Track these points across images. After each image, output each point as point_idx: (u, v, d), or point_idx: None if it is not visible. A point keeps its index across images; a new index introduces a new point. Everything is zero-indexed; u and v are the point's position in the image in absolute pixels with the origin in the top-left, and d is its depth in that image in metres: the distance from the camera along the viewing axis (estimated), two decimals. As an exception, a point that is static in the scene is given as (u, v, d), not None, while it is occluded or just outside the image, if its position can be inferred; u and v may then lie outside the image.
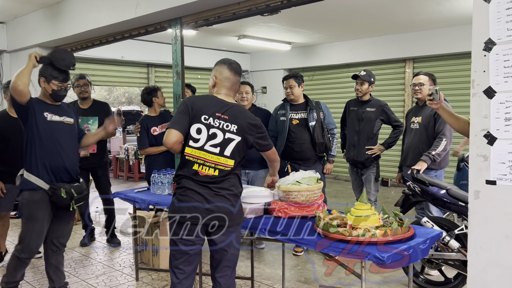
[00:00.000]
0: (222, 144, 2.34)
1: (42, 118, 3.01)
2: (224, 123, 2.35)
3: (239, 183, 2.46)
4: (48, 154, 3.01)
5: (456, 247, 3.13)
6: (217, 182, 2.36)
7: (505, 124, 1.90)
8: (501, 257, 1.91)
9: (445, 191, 3.31)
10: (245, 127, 2.37)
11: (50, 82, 3.03)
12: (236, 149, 2.36)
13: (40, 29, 6.17)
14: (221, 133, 2.34)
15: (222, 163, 2.34)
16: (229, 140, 2.34)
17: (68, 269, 4.07)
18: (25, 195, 3.00)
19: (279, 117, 4.38)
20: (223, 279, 2.43)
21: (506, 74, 1.89)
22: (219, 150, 2.34)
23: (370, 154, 4.39)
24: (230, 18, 3.96)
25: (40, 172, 3.00)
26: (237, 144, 2.35)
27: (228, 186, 2.38)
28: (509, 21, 1.87)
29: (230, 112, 2.38)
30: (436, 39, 7.50)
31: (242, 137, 2.37)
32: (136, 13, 4.46)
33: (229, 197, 2.37)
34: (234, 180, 2.41)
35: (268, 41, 8.50)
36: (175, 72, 4.39)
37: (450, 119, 2.61)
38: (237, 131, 2.36)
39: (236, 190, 2.42)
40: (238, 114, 2.39)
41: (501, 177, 1.91)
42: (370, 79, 4.37)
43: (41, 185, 2.99)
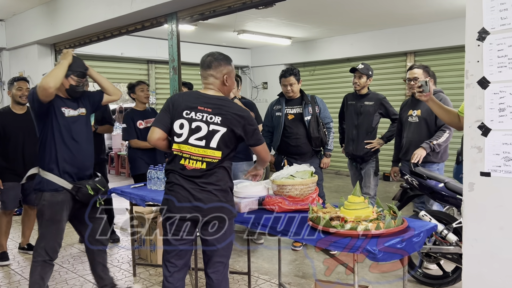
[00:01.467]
0: (207, 137, 2.33)
1: (61, 114, 2.95)
2: (207, 115, 2.35)
3: (228, 178, 2.41)
4: (68, 151, 2.94)
5: (454, 241, 3.11)
6: (204, 176, 2.33)
7: (499, 114, 1.87)
8: (496, 249, 1.88)
9: (443, 184, 3.28)
10: (230, 118, 2.34)
11: (68, 77, 2.96)
12: (221, 141, 2.33)
13: (38, 26, 6.17)
14: (205, 126, 2.33)
15: (209, 155, 2.33)
16: (214, 132, 2.32)
17: (66, 265, 4.08)
18: (46, 196, 2.88)
19: (275, 112, 4.35)
20: (215, 275, 2.41)
21: (500, 64, 1.86)
22: (205, 143, 2.33)
23: (369, 148, 4.36)
24: (225, 12, 3.94)
25: (61, 170, 2.91)
26: (222, 136, 2.32)
27: (214, 181, 2.34)
28: (503, 10, 1.84)
29: (214, 105, 2.37)
30: (437, 32, 7.44)
31: (227, 128, 2.33)
32: (131, 8, 4.44)
33: (216, 192, 2.34)
34: (221, 174, 2.37)
35: (268, 36, 8.46)
36: (172, 68, 4.37)
37: (440, 111, 2.59)
38: (222, 122, 2.33)
39: (224, 185, 2.37)
40: (222, 105, 2.37)
41: (495, 169, 1.88)
42: (368, 72, 4.33)
43: (64, 185, 2.90)
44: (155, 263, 3.96)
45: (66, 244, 4.73)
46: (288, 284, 3.50)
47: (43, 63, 6.49)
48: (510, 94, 1.83)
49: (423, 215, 3.16)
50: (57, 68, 2.86)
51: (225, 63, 2.47)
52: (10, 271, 3.96)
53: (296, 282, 3.59)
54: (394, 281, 3.52)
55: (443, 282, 3.35)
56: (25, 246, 4.45)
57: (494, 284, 1.89)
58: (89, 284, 3.62)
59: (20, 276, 3.83)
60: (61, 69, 2.86)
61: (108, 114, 4.73)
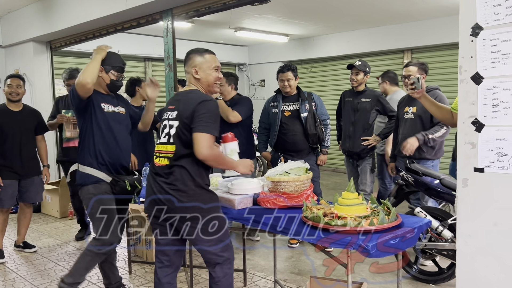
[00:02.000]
0: (168, 133, 2.36)
1: (100, 109, 2.94)
2: (170, 113, 2.40)
3: (187, 177, 2.29)
4: (107, 146, 2.93)
5: (449, 237, 3.11)
6: (164, 175, 2.33)
7: (492, 110, 1.86)
8: (490, 245, 1.88)
9: (439, 181, 3.28)
10: (181, 109, 2.31)
11: (109, 72, 2.96)
12: (175, 135, 2.32)
13: (34, 24, 6.14)
14: (167, 122, 2.39)
15: (169, 150, 2.34)
16: (171, 127, 2.35)
17: (62, 263, 4.07)
18: (89, 189, 2.87)
19: (271, 109, 4.34)
20: (214, 272, 2.40)
21: (493, 60, 1.85)
22: (167, 139, 2.37)
23: (366, 145, 4.35)
24: (220, 9, 3.93)
25: (100, 164, 2.91)
26: (176, 129, 2.32)
27: (171, 180, 2.29)
28: (496, 5, 1.83)
29: (176, 101, 2.41)
30: (434, 29, 7.43)
31: (179, 120, 2.31)
32: (127, 5, 4.42)
33: (172, 192, 2.28)
34: (178, 174, 2.28)
35: (265, 33, 8.44)
36: (167, 65, 4.36)
37: (432, 108, 2.58)
38: (176, 116, 2.34)
39: (181, 185, 2.28)
40: (182, 99, 2.38)
41: (489, 165, 1.88)
42: (365, 69, 4.32)
43: (103, 177, 2.90)
44: (151, 261, 3.95)
45: (61, 241, 4.72)
46: (284, 281, 3.50)
47: (39, 60, 6.47)
48: (503, 90, 1.82)
49: (419, 211, 3.15)
50: (92, 63, 2.85)
51: (195, 55, 2.41)
52: (6, 269, 3.95)
53: (292, 278, 3.59)
54: (389, 280, 3.52)
55: (438, 278, 3.35)
56: (21, 244, 4.44)
57: (487, 279, 1.89)
58: (84, 282, 3.61)
59: (15, 274, 3.82)
60: (96, 64, 2.86)
61: None
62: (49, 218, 5.76)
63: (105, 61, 2.96)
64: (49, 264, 4.05)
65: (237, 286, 3.45)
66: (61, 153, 4.76)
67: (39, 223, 5.52)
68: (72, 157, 4.62)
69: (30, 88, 6.48)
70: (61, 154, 4.76)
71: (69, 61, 7.80)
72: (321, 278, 2.79)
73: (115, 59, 3.01)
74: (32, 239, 4.74)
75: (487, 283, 1.88)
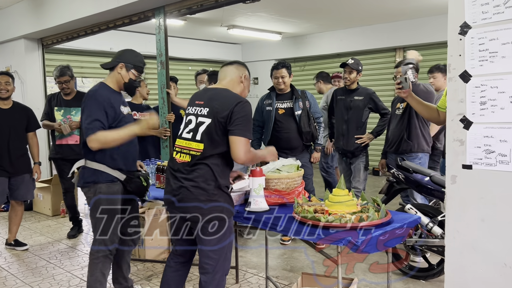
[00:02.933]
0: (194, 129, 2.30)
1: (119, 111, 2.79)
2: (199, 108, 2.33)
3: (210, 176, 2.25)
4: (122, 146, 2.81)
5: (439, 234, 3.15)
6: (186, 171, 2.28)
7: (480, 108, 1.89)
8: (478, 240, 1.91)
9: (429, 178, 3.31)
10: (216, 107, 2.26)
11: (129, 70, 2.81)
12: (205, 132, 2.24)
13: (25, 21, 6.10)
14: (195, 118, 2.32)
15: (194, 148, 2.27)
16: (200, 124, 2.28)
17: (54, 260, 4.06)
18: (102, 188, 2.74)
19: (265, 106, 4.35)
20: (203, 276, 2.34)
21: (481, 58, 1.88)
22: (192, 135, 2.30)
23: (359, 143, 4.38)
24: (212, 6, 3.93)
25: (116, 162, 2.78)
26: (207, 127, 2.24)
27: (193, 177, 2.25)
28: (484, 4, 1.85)
29: (208, 97, 2.34)
30: (426, 28, 7.48)
31: (212, 119, 2.24)
32: (118, 2, 4.41)
33: (192, 189, 2.24)
34: (202, 171, 2.24)
35: (258, 31, 8.45)
36: (159, 62, 4.36)
37: (419, 107, 2.62)
38: (208, 113, 2.27)
39: (203, 183, 2.24)
40: (214, 97, 2.32)
41: (477, 161, 1.91)
42: (358, 68, 4.35)
43: (118, 175, 2.80)
44: (143, 258, 3.96)
45: (53, 239, 4.71)
46: (276, 278, 3.52)
47: (30, 57, 6.43)
48: (491, 88, 1.85)
49: (409, 208, 3.19)
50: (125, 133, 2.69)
51: (245, 68, 2.53)
52: (-3, 267, 3.94)
53: (284, 275, 3.61)
54: (380, 276, 3.55)
55: (428, 274, 3.39)
56: (12, 242, 4.42)
57: (475, 275, 1.92)
58: (76, 280, 3.61)
59: (7, 272, 3.81)
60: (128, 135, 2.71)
61: None
62: (41, 216, 5.73)
63: (128, 57, 2.82)
64: (40, 262, 4.04)
65: (230, 283, 3.46)
66: (53, 150, 4.74)
67: (30, 221, 5.50)
68: (65, 154, 4.61)
69: (22, 86, 6.44)
70: (53, 151, 4.74)
71: (61, 58, 7.76)
72: (312, 275, 2.82)
73: (138, 58, 2.88)
74: (24, 237, 4.72)
75: (475, 278, 1.92)
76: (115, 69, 2.83)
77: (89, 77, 8.92)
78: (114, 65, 2.83)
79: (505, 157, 1.81)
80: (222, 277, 2.35)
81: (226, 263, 2.37)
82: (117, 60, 2.84)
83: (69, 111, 4.60)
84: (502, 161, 1.82)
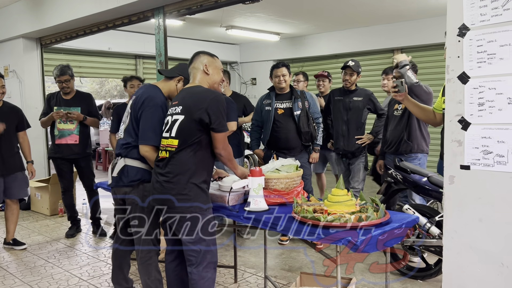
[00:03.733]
0: (171, 127, 2.43)
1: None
2: (175, 108, 2.43)
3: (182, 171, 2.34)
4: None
5: (436, 234, 3.16)
6: (162, 167, 2.41)
7: (478, 109, 1.91)
8: (475, 241, 1.93)
9: (427, 178, 3.33)
10: (189, 104, 2.37)
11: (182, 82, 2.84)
12: (179, 128, 2.37)
13: (24, 20, 6.09)
14: (171, 117, 2.44)
15: (170, 144, 2.40)
16: (175, 121, 2.41)
17: (53, 260, 4.06)
18: (147, 187, 2.66)
19: (264, 106, 4.36)
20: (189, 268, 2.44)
21: (479, 60, 1.90)
22: (169, 133, 2.42)
23: (360, 143, 4.40)
24: (212, 7, 3.94)
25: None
26: (180, 123, 2.37)
27: (165, 172, 2.39)
28: (483, 6, 1.87)
29: (181, 96, 2.46)
30: (424, 29, 7.51)
31: (185, 115, 2.36)
32: (118, 2, 4.42)
33: (165, 184, 2.37)
34: (174, 166, 2.36)
35: (256, 31, 8.46)
36: (159, 62, 4.37)
37: (415, 109, 2.64)
38: (182, 110, 2.39)
39: (174, 178, 2.35)
40: (187, 95, 2.44)
41: (474, 162, 1.93)
42: (359, 70, 4.39)
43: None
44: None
45: (51, 239, 4.71)
46: (274, 277, 3.53)
47: (29, 57, 6.42)
48: (489, 89, 1.87)
49: (407, 208, 3.20)
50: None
51: (205, 54, 2.56)
52: (-5, 267, 3.94)
53: (282, 275, 3.62)
54: (378, 276, 3.57)
55: (426, 274, 3.41)
56: (10, 241, 4.42)
57: (473, 274, 1.93)
58: (75, 279, 3.61)
59: (5, 271, 3.80)
60: None
61: (94, 109, 4.73)
62: (39, 216, 5.73)
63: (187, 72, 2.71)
64: (39, 261, 4.04)
65: (228, 282, 3.48)
66: (52, 149, 4.74)
67: (28, 220, 5.49)
68: (64, 154, 4.61)
69: (20, 85, 6.44)
70: (52, 151, 4.74)
71: (60, 58, 7.76)
72: (310, 274, 2.83)
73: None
74: (22, 237, 4.71)
75: (473, 278, 1.93)
76: (173, 80, 2.84)
77: (88, 76, 8.93)
78: (174, 76, 2.84)
79: (502, 158, 1.83)
80: (207, 269, 2.41)
81: (209, 254, 2.43)
82: (177, 72, 2.85)
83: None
84: (500, 162, 1.84)
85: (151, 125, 2.61)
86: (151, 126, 2.61)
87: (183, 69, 2.83)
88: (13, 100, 6.31)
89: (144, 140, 2.61)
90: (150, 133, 2.60)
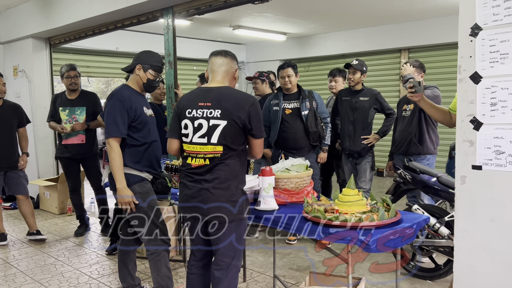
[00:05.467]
0: (208, 133, 2.27)
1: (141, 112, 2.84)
2: (207, 110, 2.28)
3: (231, 177, 2.30)
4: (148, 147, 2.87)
5: (446, 234, 3.16)
6: (203, 173, 2.30)
7: (490, 109, 1.90)
8: (486, 241, 1.92)
9: (436, 178, 3.33)
10: (230, 108, 2.25)
11: (147, 71, 2.88)
12: (222, 135, 2.24)
13: (33, 20, 6.13)
14: (206, 122, 2.28)
15: (211, 151, 2.28)
16: (215, 127, 2.26)
17: (62, 258, 4.09)
18: (135, 189, 2.76)
19: (272, 107, 4.37)
20: (217, 272, 2.38)
21: (492, 59, 1.89)
22: (207, 139, 2.28)
23: (366, 143, 4.39)
24: (221, 7, 3.95)
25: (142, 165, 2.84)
26: (223, 129, 2.24)
27: (212, 178, 2.28)
28: (495, 6, 1.87)
29: (213, 98, 2.30)
30: (431, 29, 7.48)
31: (228, 120, 2.24)
32: (127, 2, 4.44)
33: (213, 191, 2.28)
34: (222, 173, 2.28)
35: (263, 31, 8.46)
36: (168, 62, 4.38)
37: (431, 110, 2.63)
38: (221, 115, 2.25)
39: (223, 184, 2.28)
40: (222, 97, 2.29)
41: (486, 162, 1.92)
42: (362, 68, 4.37)
43: (146, 176, 2.87)
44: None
45: (61, 237, 4.74)
46: (283, 277, 3.54)
47: (38, 57, 6.47)
48: (501, 89, 1.87)
49: (416, 208, 3.20)
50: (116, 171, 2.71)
51: (235, 61, 2.52)
52: (6, 264, 3.97)
53: (290, 274, 3.63)
54: (387, 276, 3.57)
55: (435, 274, 3.41)
56: (34, 231, 4.57)
57: (484, 275, 1.93)
58: (85, 277, 3.64)
59: (16, 269, 3.84)
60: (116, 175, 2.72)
61: (99, 109, 4.75)
62: (48, 215, 5.77)
63: (144, 58, 2.88)
64: (49, 259, 4.07)
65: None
66: (60, 149, 4.78)
67: (38, 219, 5.52)
68: (72, 153, 4.65)
69: (29, 85, 6.48)
70: (60, 151, 4.78)
71: (68, 57, 7.80)
72: (320, 274, 2.83)
73: (155, 58, 2.93)
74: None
75: (484, 278, 1.93)
76: (134, 71, 2.90)
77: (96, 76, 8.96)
78: (133, 68, 2.90)
79: (515, 158, 1.82)
80: (235, 274, 2.41)
81: (239, 260, 2.44)
82: (134, 62, 2.91)
83: (73, 111, 4.63)
84: (512, 162, 1.83)
85: (112, 118, 2.70)
86: (113, 119, 2.70)
87: (138, 58, 2.91)
88: (22, 99, 6.38)
89: (108, 133, 2.70)
90: (113, 125, 2.69)
